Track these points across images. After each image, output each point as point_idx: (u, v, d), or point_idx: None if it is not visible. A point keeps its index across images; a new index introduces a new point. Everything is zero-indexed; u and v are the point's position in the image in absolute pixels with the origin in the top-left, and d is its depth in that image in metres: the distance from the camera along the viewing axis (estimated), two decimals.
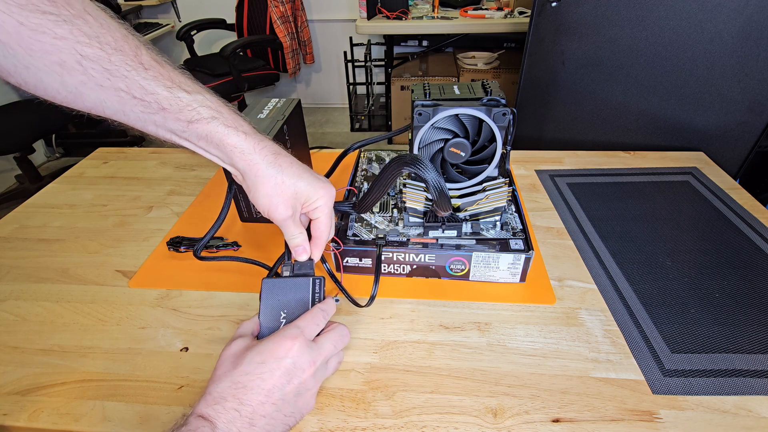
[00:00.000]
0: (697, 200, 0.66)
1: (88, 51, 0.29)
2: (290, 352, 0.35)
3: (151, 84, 0.34)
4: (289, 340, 0.36)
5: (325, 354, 0.38)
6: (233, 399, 0.33)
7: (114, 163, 0.84)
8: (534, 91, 1.00)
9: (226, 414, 0.32)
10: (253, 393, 0.33)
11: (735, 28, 0.79)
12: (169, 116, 0.35)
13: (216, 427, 0.31)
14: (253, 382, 0.34)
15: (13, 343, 0.48)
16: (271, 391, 0.34)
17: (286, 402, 0.35)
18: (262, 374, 0.34)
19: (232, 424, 0.32)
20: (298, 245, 0.42)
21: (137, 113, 0.34)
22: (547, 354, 0.45)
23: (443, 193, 0.45)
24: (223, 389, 0.34)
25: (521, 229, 0.53)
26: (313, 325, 0.39)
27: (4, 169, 2.21)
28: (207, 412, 0.32)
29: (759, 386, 0.41)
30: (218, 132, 0.36)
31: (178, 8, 2.70)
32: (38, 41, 0.27)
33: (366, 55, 2.43)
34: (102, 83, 0.31)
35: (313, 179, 0.40)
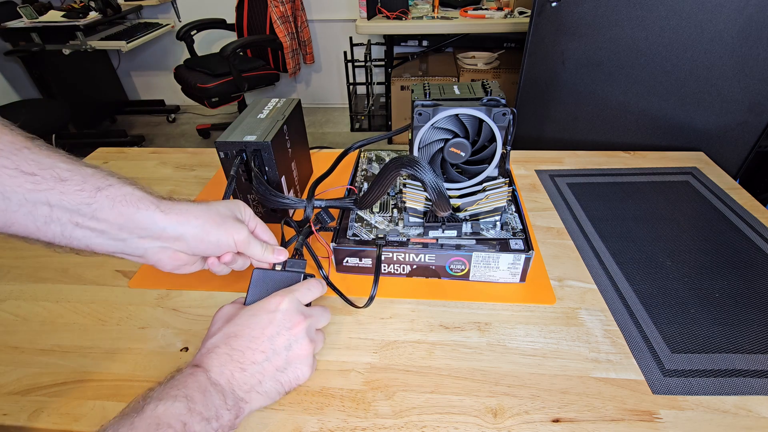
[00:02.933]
0: (697, 200, 0.66)
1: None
2: (280, 305, 0.38)
3: (46, 160, 0.31)
4: (280, 296, 0.39)
5: (314, 316, 0.40)
6: (224, 345, 0.35)
7: (114, 163, 0.84)
8: (534, 91, 1.00)
9: (218, 358, 0.34)
10: (243, 339, 0.35)
11: (735, 28, 0.79)
12: (69, 189, 0.31)
13: (209, 371, 0.33)
14: (243, 331, 0.36)
15: (13, 343, 0.48)
16: (260, 339, 0.36)
17: (276, 353, 0.36)
18: (252, 324, 0.36)
19: (224, 367, 0.34)
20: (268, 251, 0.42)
21: (22, 194, 0.29)
22: (547, 354, 0.45)
23: (441, 193, 0.45)
24: (216, 340, 0.36)
25: (521, 229, 0.53)
26: (306, 290, 0.41)
27: None
28: (201, 360, 0.34)
29: (759, 386, 0.41)
30: (135, 194, 0.34)
31: (178, 8, 2.70)
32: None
33: (366, 55, 2.43)
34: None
35: (228, 201, 0.42)
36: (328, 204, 0.54)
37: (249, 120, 0.61)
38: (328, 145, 0.86)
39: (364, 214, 0.57)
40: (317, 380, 0.43)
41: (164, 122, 2.91)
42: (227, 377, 0.34)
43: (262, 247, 0.42)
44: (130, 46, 2.21)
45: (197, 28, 2.37)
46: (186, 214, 0.36)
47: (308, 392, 0.42)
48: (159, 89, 3.04)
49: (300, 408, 0.40)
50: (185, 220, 0.36)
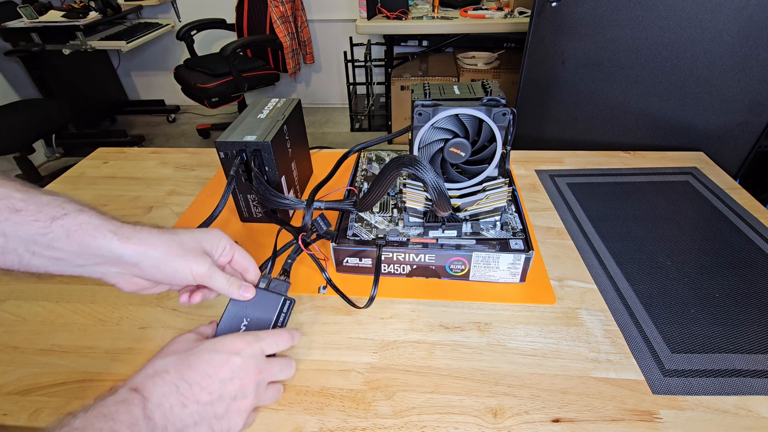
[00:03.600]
0: (697, 200, 0.66)
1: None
2: (243, 352, 0.35)
3: (1, 189, 0.31)
4: (245, 342, 0.36)
5: (271, 372, 0.37)
6: (175, 373, 0.32)
7: (114, 163, 0.84)
8: (534, 91, 1.00)
9: (164, 387, 0.31)
10: (196, 373, 0.33)
11: (735, 28, 0.79)
12: (24, 219, 0.31)
13: (148, 399, 0.30)
14: (199, 365, 0.33)
15: (13, 343, 0.48)
16: (212, 379, 0.33)
17: (221, 400, 0.34)
18: (210, 361, 0.34)
19: (166, 397, 0.31)
20: (233, 285, 0.40)
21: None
22: (547, 354, 0.45)
23: (442, 193, 0.45)
24: (166, 363, 0.33)
25: (521, 229, 0.53)
26: (273, 342, 0.38)
27: (4, 169, 2.21)
28: (143, 383, 0.31)
29: (759, 386, 0.41)
30: (91, 223, 0.33)
31: (178, 8, 2.69)
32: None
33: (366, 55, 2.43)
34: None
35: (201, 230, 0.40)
36: (327, 206, 0.54)
37: (249, 120, 0.61)
38: (328, 145, 0.86)
39: (364, 214, 0.57)
40: (317, 380, 0.43)
41: (164, 122, 2.91)
42: (164, 410, 0.31)
43: (226, 281, 0.39)
44: (130, 46, 2.20)
45: (197, 28, 2.37)
46: (145, 244, 0.36)
47: (308, 392, 0.42)
48: (159, 89, 3.04)
49: (300, 408, 0.40)
50: (143, 249, 0.35)
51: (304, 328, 0.49)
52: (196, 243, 0.39)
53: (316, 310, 0.51)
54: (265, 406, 0.41)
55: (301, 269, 0.56)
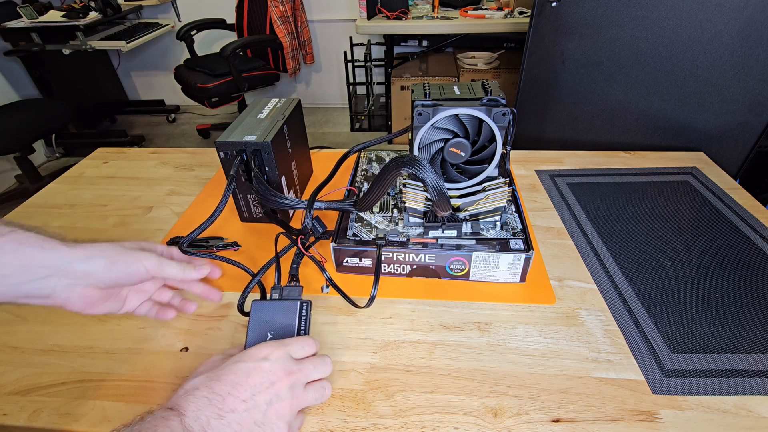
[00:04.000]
0: (697, 200, 0.66)
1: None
2: (270, 356, 0.36)
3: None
4: (270, 347, 0.37)
5: (304, 372, 0.37)
6: (205, 388, 0.33)
7: (114, 163, 0.84)
8: (534, 91, 1.00)
9: (196, 402, 0.32)
10: (225, 384, 0.33)
11: (735, 28, 0.79)
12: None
13: (184, 415, 0.31)
14: (226, 376, 0.34)
15: (13, 343, 0.48)
16: (243, 387, 0.34)
17: (256, 406, 0.34)
18: (238, 371, 0.34)
19: (201, 411, 0.32)
20: (187, 268, 0.42)
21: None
22: (547, 354, 0.45)
23: (442, 193, 0.45)
24: (196, 382, 0.34)
25: (521, 229, 0.53)
26: (299, 346, 0.39)
27: (4, 169, 2.21)
28: (177, 402, 0.32)
29: (759, 386, 0.41)
30: (39, 236, 0.35)
31: (178, 8, 2.69)
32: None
33: (366, 55, 2.43)
34: None
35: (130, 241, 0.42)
36: (328, 206, 0.54)
37: (249, 120, 0.61)
38: (328, 145, 0.86)
39: (364, 214, 0.57)
40: None
41: (164, 122, 2.91)
42: (202, 424, 0.31)
43: (179, 266, 0.41)
44: (130, 46, 2.20)
45: (197, 28, 2.37)
46: (92, 249, 0.37)
47: None
48: (159, 89, 3.04)
49: None
50: (91, 254, 0.37)
51: None
52: (136, 245, 0.41)
53: (317, 310, 0.51)
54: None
55: (302, 269, 0.56)
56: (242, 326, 0.49)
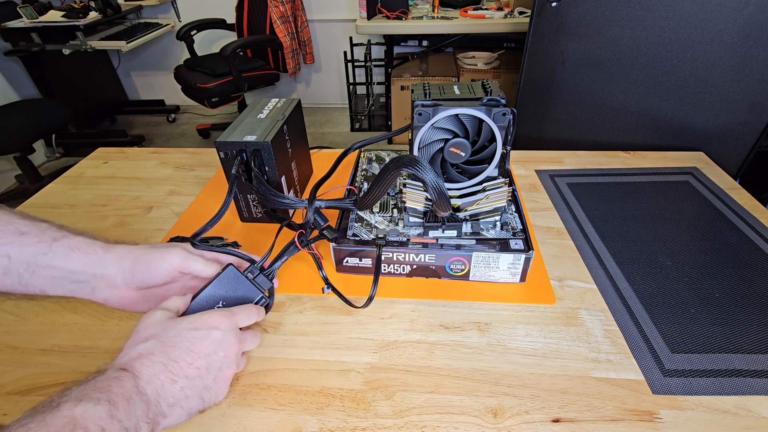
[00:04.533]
0: (697, 200, 0.66)
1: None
2: (221, 325, 0.38)
3: (3, 217, 0.36)
4: (222, 316, 0.38)
5: (246, 343, 0.41)
6: (161, 354, 0.34)
7: (114, 163, 0.84)
8: (534, 91, 1.00)
9: (152, 367, 0.33)
10: (182, 351, 0.35)
11: (735, 28, 0.79)
12: (28, 241, 0.36)
13: (138, 377, 0.32)
14: (182, 343, 0.35)
15: (13, 343, 0.48)
16: (198, 355, 0.35)
17: (209, 371, 0.36)
18: (193, 339, 0.36)
19: (156, 376, 0.33)
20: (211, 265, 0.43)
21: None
22: (547, 354, 0.45)
23: (442, 193, 0.45)
24: (150, 346, 0.34)
25: (521, 229, 0.53)
26: (246, 316, 0.41)
27: (4, 169, 2.21)
28: (130, 364, 0.33)
29: (759, 386, 0.41)
30: (85, 241, 0.38)
31: (178, 8, 2.69)
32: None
33: (366, 55, 2.43)
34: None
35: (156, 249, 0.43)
36: (328, 205, 0.54)
37: (249, 120, 0.61)
38: (328, 145, 0.86)
39: (364, 214, 0.57)
40: (317, 380, 0.43)
41: (164, 122, 2.91)
42: (156, 387, 0.32)
43: (205, 263, 0.43)
44: (130, 46, 2.20)
45: (197, 28, 2.37)
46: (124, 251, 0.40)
47: (308, 392, 0.42)
48: (159, 89, 3.04)
49: (300, 408, 0.40)
50: (122, 256, 0.40)
51: (305, 328, 0.49)
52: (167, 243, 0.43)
53: (316, 310, 0.51)
54: (267, 407, 0.41)
55: (303, 269, 0.56)
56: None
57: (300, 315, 0.50)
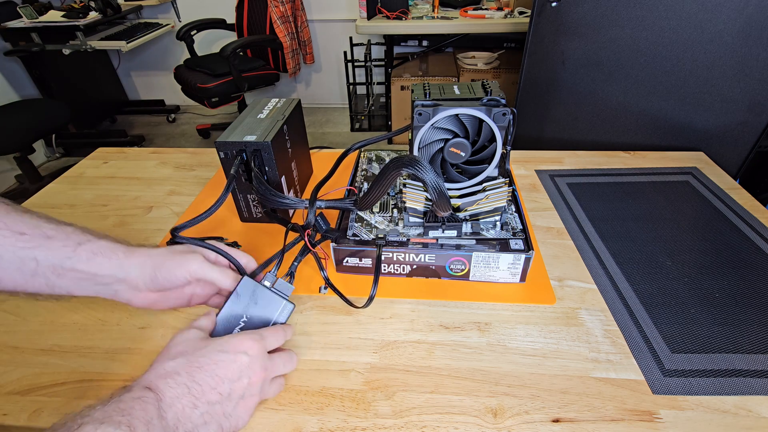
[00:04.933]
0: (697, 200, 0.66)
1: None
2: (250, 351, 0.37)
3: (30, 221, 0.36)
4: (251, 340, 0.37)
5: (276, 368, 0.39)
6: (186, 375, 0.33)
7: (114, 163, 0.84)
8: (534, 91, 1.00)
9: (176, 389, 0.32)
10: (207, 375, 0.34)
11: (735, 28, 0.79)
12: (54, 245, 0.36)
13: (161, 399, 0.31)
14: (208, 366, 0.34)
15: (13, 343, 0.48)
16: (223, 380, 0.34)
17: (230, 398, 0.35)
18: (219, 362, 0.35)
19: (178, 399, 0.32)
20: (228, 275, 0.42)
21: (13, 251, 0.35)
22: (547, 354, 0.45)
23: (442, 193, 0.45)
24: (177, 365, 0.34)
25: (521, 229, 0.53)
26: (274, 339, 0.40)
27: (4, 169, 2.21)
28: (155, 383, 0.32)
29: (759, 386, 0.41)
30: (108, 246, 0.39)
31: (178, 8, 2.69)
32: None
33: (366, 55, 2.43)
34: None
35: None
36: (328, 205, 0.54)
37: (249, 120, 0.61)
38: (328, 145, 0.86)
39: (364, 214, 0.57)
40: (317, 380, 0.43)
41: (164, 122, 2.91)
42: (176, 412, 0.32)
43: (219, 271, 0.42)
44: (130, 46, 2.20)
45: (197, 28, 2.37)
46: (145, 256, 0.40)
47: (308, 392, 0.42)
48: (159, 89, 3.04)
49: (300, 408, 0.40)
50: (143, 261, 0.40)
51: (305, 328, 0.49)
52: (187, 248, 0.42)
53: (316, 310, 0.51)
54: (267, 407, 0.41)
55: (302, 269, 0.56)
56: None
57: (300, 315, 0.50)
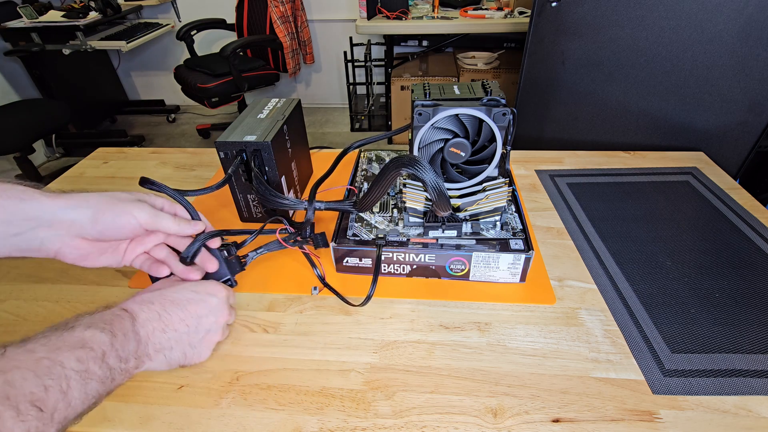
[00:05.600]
0: (697, 200, 0.66)
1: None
2: (219, 294, 0.42)
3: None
4: (222, 287, 0.44)
5: (233, 315, 0.45)
6: (159, 304, 0.38)
7: (114, 163, 0.84)
8: (534, 91, 1.00)
9: (149, 313, 0.37)
10: (178, 308, 0.39)
11: (735, 28, 0.79)
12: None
13: (135, 319, 0.36)
14: (180, 301, 0.39)
15: None
16: (191, 314, 0.39)
17: (197, 331, 0.40)
18: (190, 299, 0.40)
19: (149, 322, 0.37)
20: (182, 223, 0.43)
21: None
22: (547, 354, 0.45)
23: (442, 193, 0.45)
24: (152, 296, 0.39)
25: (521, 229, 0.53)
26: (233, 296, 0.47)
27: (4, 169, 2.21)
28: (131, 306, 0.37)
29: (759, 386, 0.41)
30: (15, 188, 0.35)
31: (178, 8, 2.69)
32: None
33: (366, 55, 2.43)
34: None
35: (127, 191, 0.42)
36: (328, 206, 0.54)
37: (249, 120, 0.61)
38: (328, 145, 0.86)
39: (364, 214, 0.57)
40: (317, 380, 0.43)
41: (164, 122, 2.91)
42: (147, 331, 0.36)
43: (174, 220, 0.42)
44: (130, 46, 2.20)
45: (197, 28, 2.37)
46: (77, 199, 0.37)
47: (308, 392, 0.42)
48: (159, 89, 3.04)
49: (300, 408, 0.40)
50: (76, 203, 0.37)
51: (305, 328, 0.49)
52: (132, 196, 0.41)
53: (316, 310, 0.51)
54: (267, 407, 0.41)
55: (303, 269, 0.56)
56: (240, 325, 0.49)
57: (300, 315, 0.50)
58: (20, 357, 0.28)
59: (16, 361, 0.27)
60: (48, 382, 0.27)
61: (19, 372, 0.26)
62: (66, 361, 0.29)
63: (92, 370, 0.30)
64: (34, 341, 0.29)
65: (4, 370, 0.26)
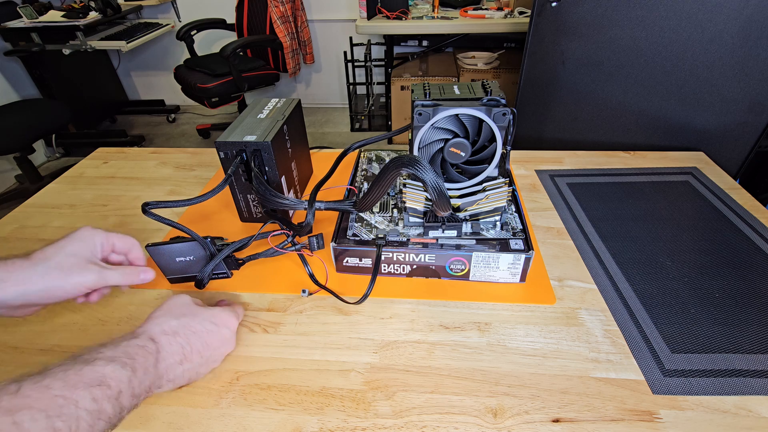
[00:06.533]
0: (697, 200, 0.66)
1: None
2: (231, 326, 0.44)
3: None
4: (235, 318, 0.45)
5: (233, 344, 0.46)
6: (183, 337, 0.39)
7: (114, 163, 0.84)
8: (534, 91, 1.00)
9: (174, 346, 0.38)
10: (199, 340, 0.40)
11: (735, 28, 0.79)
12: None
13: (159, 352, 0.37)
14: (201, 333, 0.41)
15: (13, 343, 0.48)
16: (208, 347, 0.41)
17: (207, 361, 0.41)
18: (211, 332, 0.42)
19: (171, 356, 0.38)
20: (130, 275, 0.45)
21: None
22: (547, 354, 0.45)
23: (442, 193, 0.45)
24: (178, 326, 0.40)
25: (521, 229, 0.53)
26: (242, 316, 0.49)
27: (4, 169, 2.21)
28: (159, 338, 0.38)
29: (759, 386, 0.41)
30: None
31: (178, 8, 2.69)
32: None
33: (366, 55, 2.43)
34: None
35: (69, 239, 0.43)
36: (328, 206, 0.54)
37: (249, 120, 0.61)
38: (328, 145, 0.86)
39: (364, 214, 0.57)
40: (317, 380, 0.43)
41: (164, 122, 2.91)
42: (167, 365, 0.37)
43: (120, 274, 0.44)
44: (130, 46, 2.20)
45: (197, 28, 2.37)
46: (23, 284, 0.39)
47: (308, 392, 0.42)
48: (159, 89, 3.04)
49: (300, 408, 0.40)
50: (23, 289, 0.39)
51: (305, 327, 0.49)
52: (72, 258, 0.41)
53: (316, 310, 0.51)
54: (267, 407, 0.41)
55: (302, 270, 0.56)
56: (240, 324, 0.49)
57: (300, 315, 0.50)
58: (34, 395, 0.28)
59: (30, 399, 0.27)
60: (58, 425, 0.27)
61: (29, 413, 0.26)
62: (81, 401, 0.29)
63: (104, 410, 0.30)
64: (52, 375, 0.29)
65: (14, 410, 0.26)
